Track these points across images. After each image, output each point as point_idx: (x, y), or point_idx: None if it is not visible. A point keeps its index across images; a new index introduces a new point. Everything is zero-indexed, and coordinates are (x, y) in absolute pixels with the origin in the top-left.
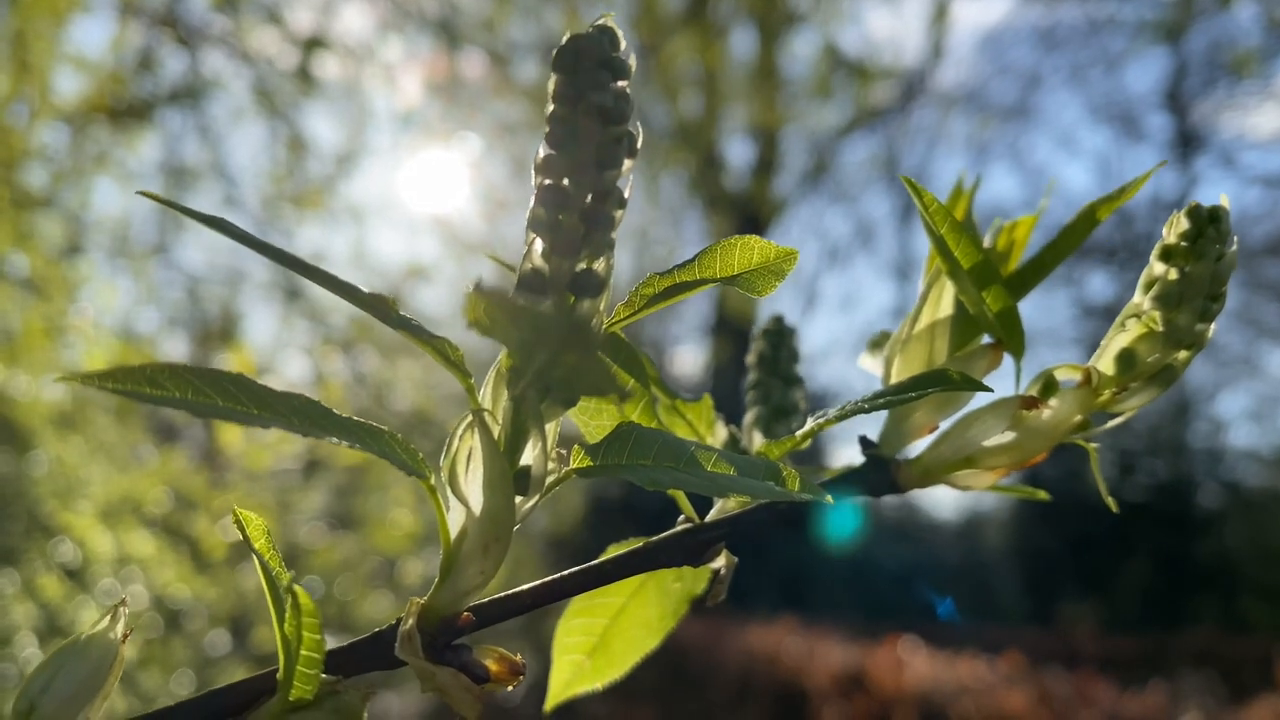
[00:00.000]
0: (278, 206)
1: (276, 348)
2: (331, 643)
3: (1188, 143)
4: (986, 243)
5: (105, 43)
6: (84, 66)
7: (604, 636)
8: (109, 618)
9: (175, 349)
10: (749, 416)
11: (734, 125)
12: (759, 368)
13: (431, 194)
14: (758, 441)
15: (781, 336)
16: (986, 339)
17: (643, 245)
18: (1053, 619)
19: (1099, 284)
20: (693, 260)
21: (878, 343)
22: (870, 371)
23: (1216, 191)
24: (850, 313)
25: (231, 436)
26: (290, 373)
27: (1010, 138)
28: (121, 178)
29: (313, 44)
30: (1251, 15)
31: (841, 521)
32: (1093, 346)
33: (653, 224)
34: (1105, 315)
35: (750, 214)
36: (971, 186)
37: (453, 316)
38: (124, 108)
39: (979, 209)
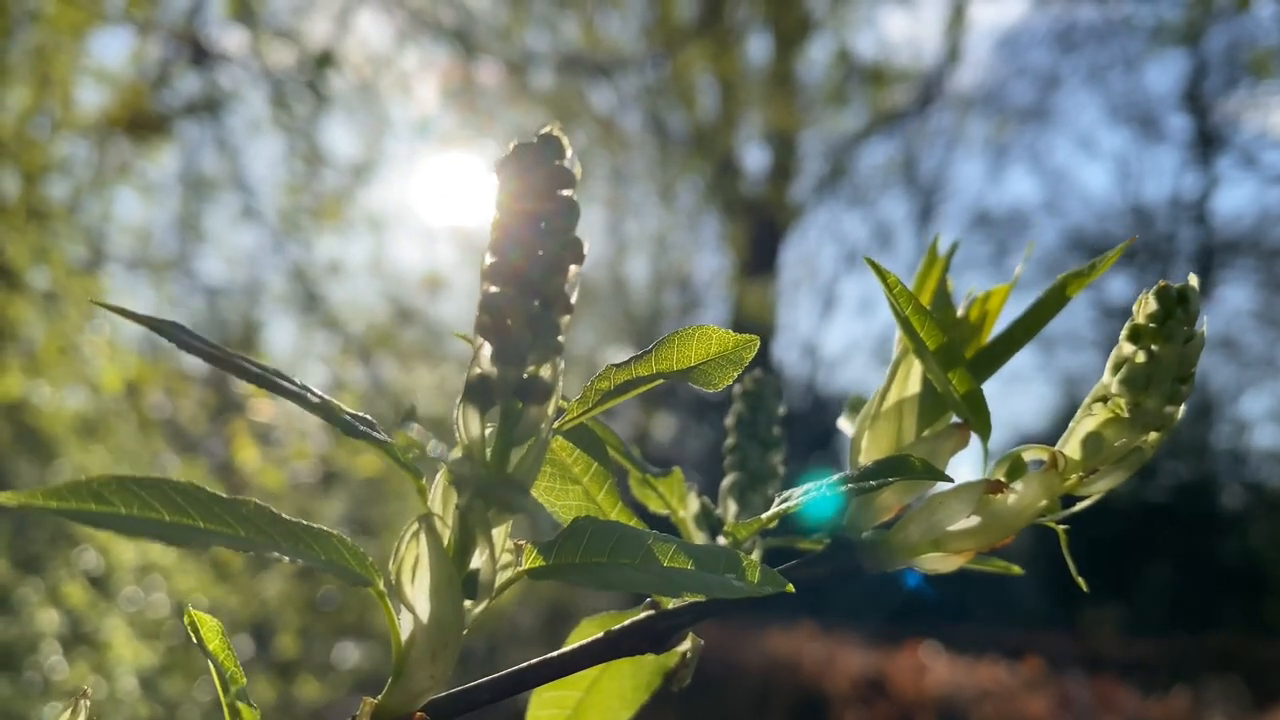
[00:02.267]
0: (295, 217)
1: (296, 356)
2: (351, 649)
3: (1208, 143)
4: (960, 311)
5: (125, 56)
6: (105, 79)
7: (577, 709)
8: (69, 711)
9: (195, 359)
10: (725, 483)
11: (750, 131)
12: (736, 431)
13: (449, 202)
14: (732, 510)
15: (761, 398)
16: (955, 418)
17: (660, 251)
18: (1074, 623)
19: (1119, 286)
20: (649, 352)
21: (854, 406)
22: (848, 434)
23: (1238, 192)
24: (869, 316)
25: (247, 454)
26: (310, 381)
27: (1029, 139)
28: (142, 189)
29: (324, 60)
30: (1272, 15)
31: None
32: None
33: (670, 230)
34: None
35: (767, 219)
36: (947, 253)
37: (469, 326)
38: (143, 120)
39: (1000, 211)
